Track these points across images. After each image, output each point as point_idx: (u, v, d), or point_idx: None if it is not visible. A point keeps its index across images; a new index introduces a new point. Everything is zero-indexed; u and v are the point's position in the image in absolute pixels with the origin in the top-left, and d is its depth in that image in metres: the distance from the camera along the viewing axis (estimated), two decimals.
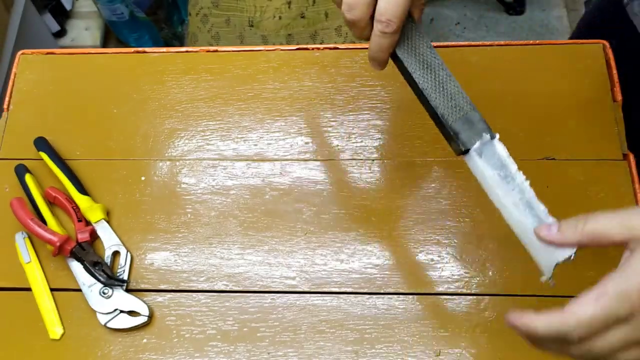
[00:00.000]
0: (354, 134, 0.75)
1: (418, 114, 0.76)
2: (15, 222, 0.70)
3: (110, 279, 0.67)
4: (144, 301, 0.66)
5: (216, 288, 0.68)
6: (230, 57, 0.81)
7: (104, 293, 0.67)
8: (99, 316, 0.66)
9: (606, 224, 0.44)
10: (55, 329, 0.66)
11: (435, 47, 0.80)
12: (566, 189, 0.71)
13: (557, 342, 0.43)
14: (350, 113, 0.77)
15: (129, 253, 0.69)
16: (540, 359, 0.63)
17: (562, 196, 0.70)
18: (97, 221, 0.70)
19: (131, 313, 0.66)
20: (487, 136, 0.54)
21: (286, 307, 0.66)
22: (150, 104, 0.78)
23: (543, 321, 0.43)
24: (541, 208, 0.51)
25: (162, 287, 0.68)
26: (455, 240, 0.69)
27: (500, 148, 0.54)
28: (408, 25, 0.56)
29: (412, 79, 0.57)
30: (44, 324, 0.66)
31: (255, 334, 0.65)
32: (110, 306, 0.66)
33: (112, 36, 1.83)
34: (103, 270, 0.67)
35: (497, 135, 0.54)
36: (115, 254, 0.69)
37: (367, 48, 0.81)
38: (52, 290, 0.68)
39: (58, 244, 0.66)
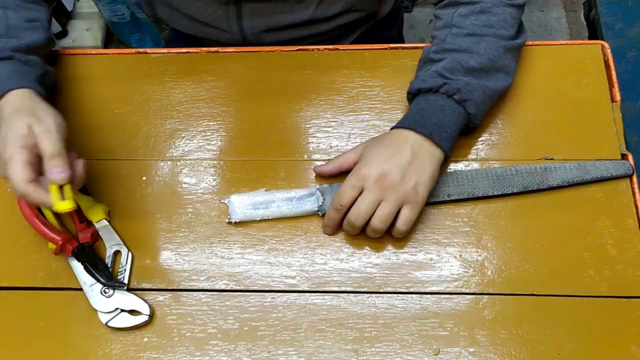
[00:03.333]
0: (353, 134, 0.76)
1: None
2: (15, 222, 0.71)
3: (110, 280, 0.67)
4: (145, 300, 0.67)
5: (217, 287, 0.68)
6: (231, 58, 0.82)
7: (105, 292, 0.67)
8: (100, 315, 0.66)
9: (346, 156, 0.71)
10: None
11: None
12: (565, 189, 0.71)
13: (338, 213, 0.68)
14: (350, 113, 0.77)
15: (130, 252, 0.70)
16: (538, 359, 0.63)
17: (561, 196, 0.71)
18: (99, 221, 0.71)
19: (132, 312, 0.66)
20: None
21: (286, 306, 0.67)
22: (151, 105, 0.79)
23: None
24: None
25: (163, 286, 0.68)
26: (455, 240, 0.69)
27: None
28: None
29: None
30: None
31: (255, 332, 0.65)
32: (112, 305, 0.66)
33: (113, 37, 1.83)
34: (103, 272, 0.67)
35: None
36: (117, 253, 0.70)
37: (366, 49, 0.81)
38: (52, 289, 0.68)
39: (60, 242, 0.67)
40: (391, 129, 0.71)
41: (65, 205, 0.60)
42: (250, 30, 0.87)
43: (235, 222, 0.71)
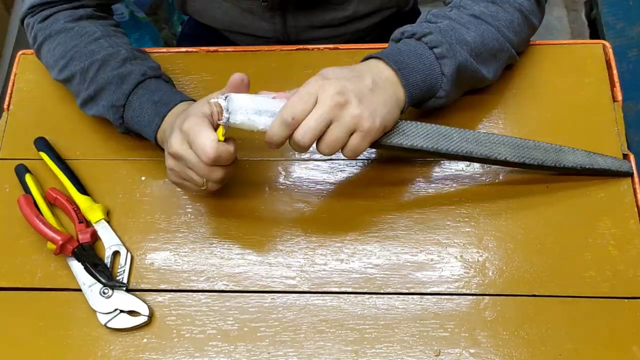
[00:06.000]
0: None
1: (417, 115, 0.76)
2: (15, 222, 0.71)
3: (110, 280, 0.67)
4: (144, 301, 0.66)
5: (216, 288, 0.68)
6: (231, 57, 0.81)
7: (104, 293, 0.67)
8: (99, 316, 0.66)
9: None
10: None
11: None
12: (566, 189, 0.71)
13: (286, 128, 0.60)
14: None
15: (129, 253, 0.69)
16: (538, 359, 0.63)
17: (562, 196, 0.71)
18: (97, 221, 0.70)
19: (131, 313, 0.66)
20: None
21: (286, 307, 0.66)
22: None
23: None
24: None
25: (163, 286, 0.68)
26: (455, 240, 0.69)
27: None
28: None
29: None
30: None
31: (255, 333, 0.65)
32: (111, 306, 0.66)
33: None
34: (103, 273, 0.67)
35: None
36: (116, 253, 0.69)
37: (367, 48, 0.81)
38: (51, 290, 0.68)
39: (60, 242, 0.67)
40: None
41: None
42: (293, 24, 0.87)
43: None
